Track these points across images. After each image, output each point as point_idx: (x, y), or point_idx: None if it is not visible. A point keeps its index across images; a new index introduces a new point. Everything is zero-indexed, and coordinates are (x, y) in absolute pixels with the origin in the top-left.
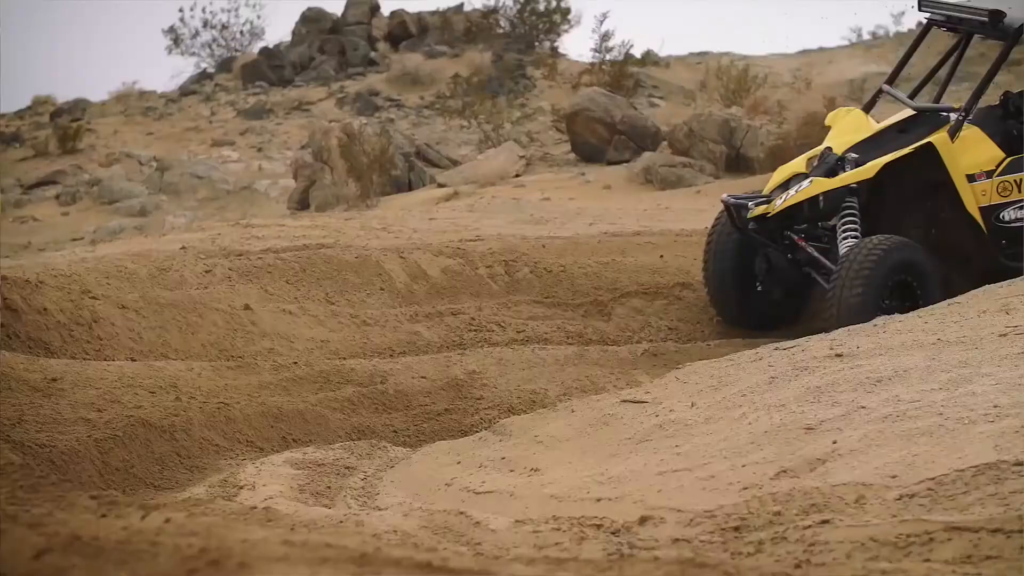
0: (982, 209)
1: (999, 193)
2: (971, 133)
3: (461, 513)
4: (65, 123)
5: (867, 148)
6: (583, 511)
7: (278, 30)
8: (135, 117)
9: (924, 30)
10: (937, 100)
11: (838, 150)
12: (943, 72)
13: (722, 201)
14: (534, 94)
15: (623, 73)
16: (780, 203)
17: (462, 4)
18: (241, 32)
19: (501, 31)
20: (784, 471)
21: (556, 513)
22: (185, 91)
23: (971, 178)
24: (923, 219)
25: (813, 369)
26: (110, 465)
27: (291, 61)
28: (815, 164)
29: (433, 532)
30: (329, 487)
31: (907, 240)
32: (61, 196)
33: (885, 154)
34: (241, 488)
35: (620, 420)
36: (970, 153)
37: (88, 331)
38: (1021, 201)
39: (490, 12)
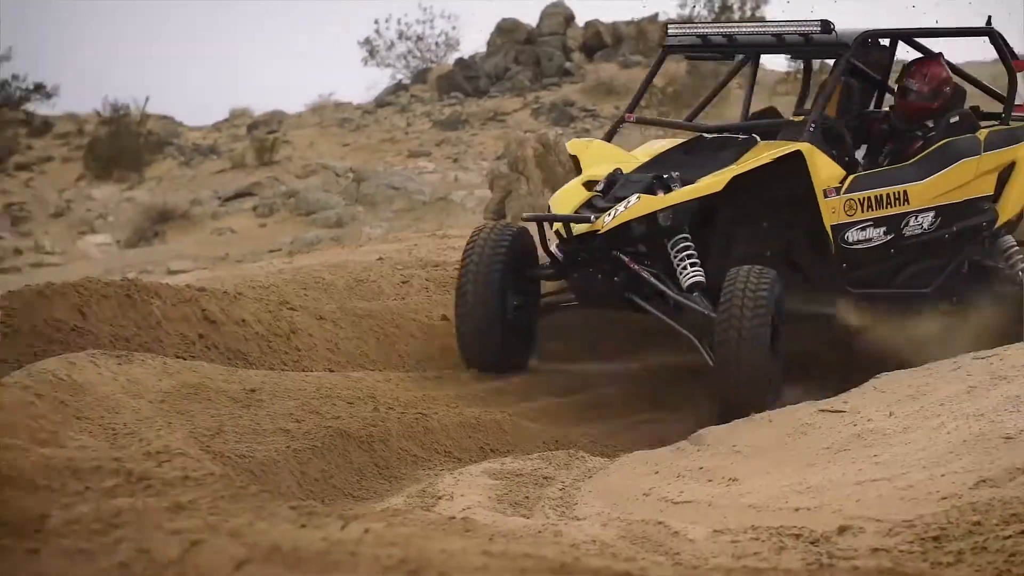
0: (832, 228)
1: (846, 212)
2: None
3: (659, 523)
4: (261, 135)
5: (664, 169)
6: (781, 521)
7: (473, 41)
8: (331, 128)
9: (661, 56)
10: (744, 117)
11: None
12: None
13: (524, 219)
14: (728, 103)
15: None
16: (610, 219)
17: (656, 14)
18: (436, 43)
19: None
20: (983, 480)
21: (755, 523)
22: (380, 102)
23: (824, 193)
24: (761, 239)
25: (1012, 378)
26: (308, 475)
27: (486, 72)
28: (617, 185)
29: (631, 542)
30: (527, 497)
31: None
32: (258, 208)
33: (698, 173)
34: (439, 498)
35: (817, 429)
36: (818, 168)
37: (286, 342)
38: (865, 222)
39: (684, 21)
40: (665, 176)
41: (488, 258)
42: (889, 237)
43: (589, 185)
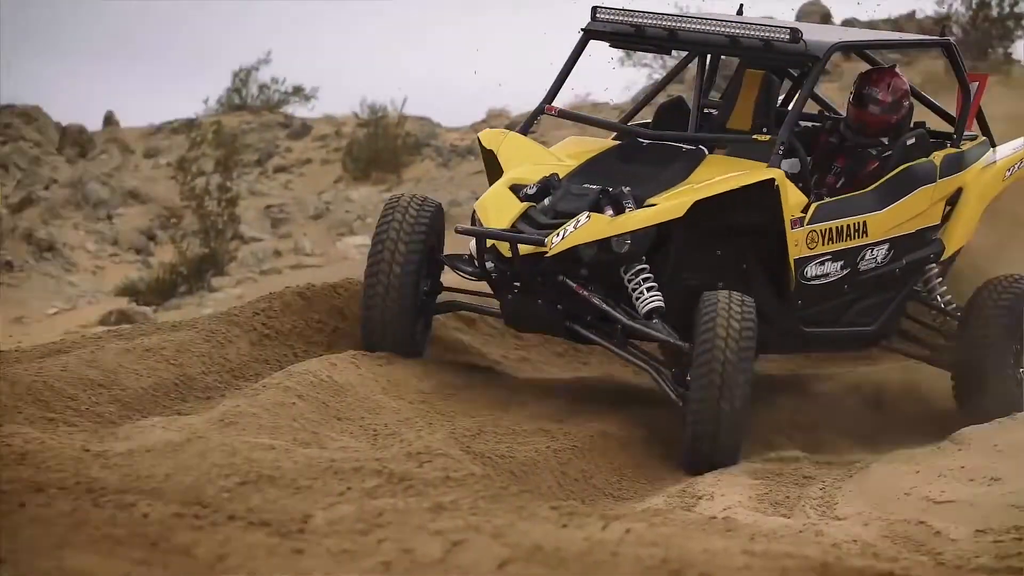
0: (794, 261)
1: (807, 245)
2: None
3: (921, 522)
4: None
5: (601, 178)
6: None
7: None
8: (588, 129)
9: (581, 41)
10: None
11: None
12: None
13: (458, 232)
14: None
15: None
16: (560, 240)
17: (913, 12)
18: None
19: (953, 37)
20: None
21: (1018, 523)
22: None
23: (791, 224)
24: (714, 269)
25: None
26: (568, 475)
27: None
28: (557, 196)
29: (893, 542)
30: (787, 497)
31: None
32: None
33: (646, 188)
34: (700, 498)
35: None
36: (788, 196)
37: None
38: (824, 255)
39: (942, 19)
40: (613, 191)
41: (408, 235)
42: (845, 272)
43: (515, 189)
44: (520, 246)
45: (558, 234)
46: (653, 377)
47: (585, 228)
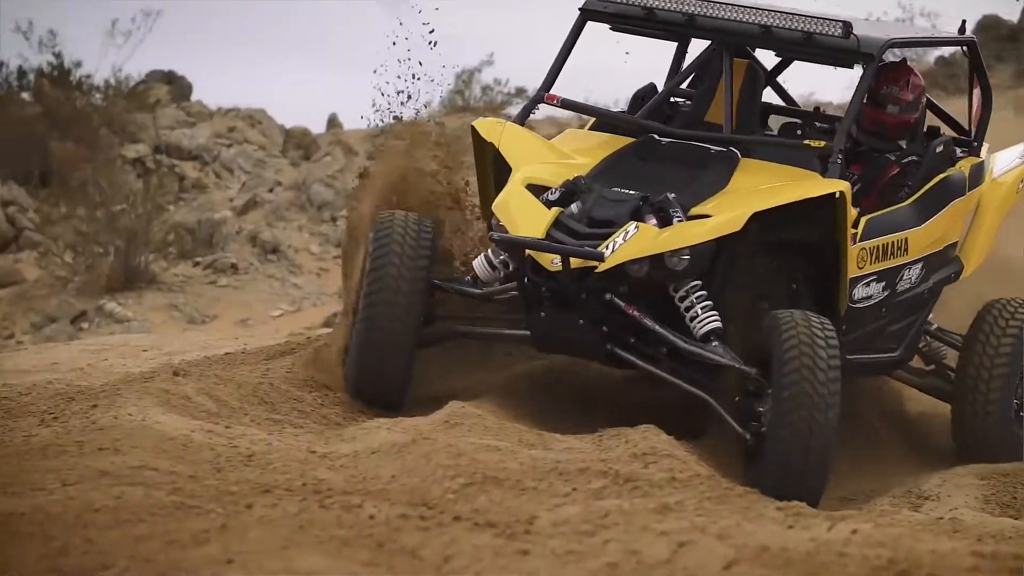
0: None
1: (858, 264)
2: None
3: None
4: None
5: (624, 179)
6: None
7: None
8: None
9: (578, 23)
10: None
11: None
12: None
13: (497, 241)
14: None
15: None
16: (609, 254)
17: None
18: None
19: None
20: None
21: None
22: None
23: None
24: (759, 289)
25: None
26: None
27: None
28: (590, 202)
29: None
30: (1015, 498)
31: None
32: None
33: (686, 194)
34: (926, 499)
35: None
36: (849, 211)
37: None
38: (870, 276)
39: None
40: (656, 198)
41: (410, 268)
42: (885, 294)
43: (532, 191)
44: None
45: (607, 246)
46: (713, 407)
47: (636, 241)
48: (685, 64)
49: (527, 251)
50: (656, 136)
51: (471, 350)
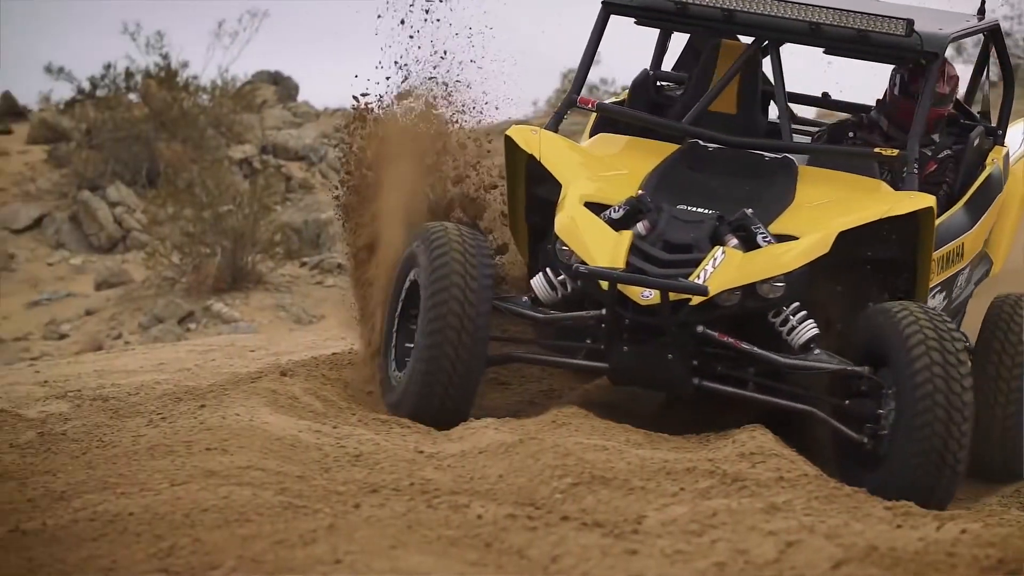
0: None
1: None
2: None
3: None
4: None
5: (681, 193)
6: None
7: None
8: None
9: (602, 17)
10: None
11: (629, 192)
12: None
13: (583, 274)
14: None
15: None
16: (703, 283)
17: None
18: None
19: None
20: None
21: None
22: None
23: None
24: (831, 308)
25: None
26: None
27: None
28: (662, 223)
29: None
30: None
31: None
32: None
33: (759, 208)
34: None
35: None
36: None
37: None
38: (935, 288)
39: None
40: (734, 216)
41: (475, 283)
42: (944, 304)
43: (591, 210)
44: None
45: (698, 276)
46: (822, 419)
47: (727, 269)
48: (670, 50)
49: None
50: (699, 142)
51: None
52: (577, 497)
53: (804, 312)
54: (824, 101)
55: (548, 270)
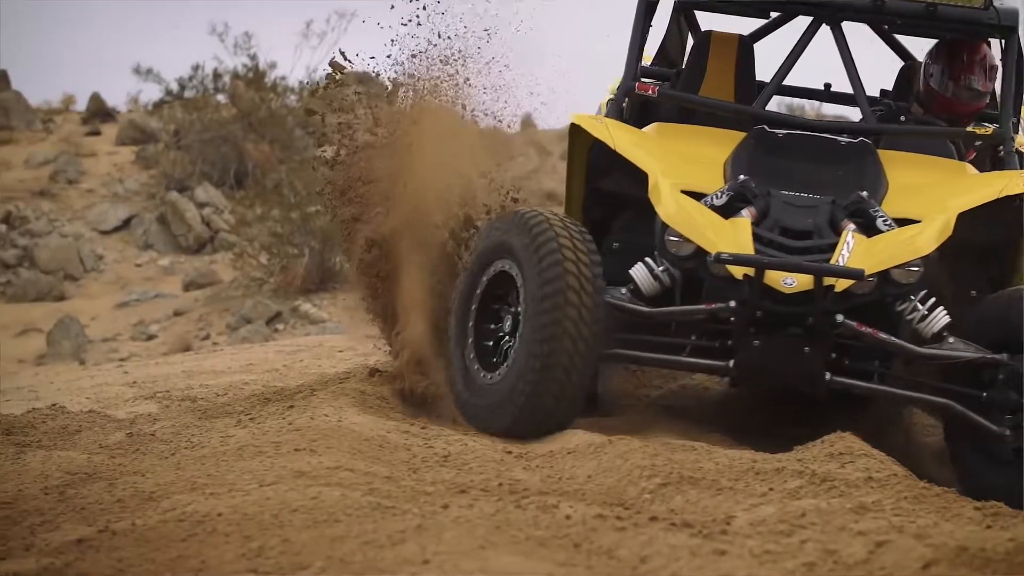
0: None
1: None
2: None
3: None
4: None
5: (768, 177)
6: None
7: None
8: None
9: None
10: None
11: (715, 179)
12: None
13: (724, 261)
14: None
15: None
16: (840, 266)
17: None
18: None
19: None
20: None
21: None
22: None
23: None
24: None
25: None
26: None
27: None
28: (775, 210)
29: None
30: None
31: None
32: None
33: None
34: None
35: None
36: None
37: None
38: None
39: None
40: (851, 200)
41: (590, 281)
42: None
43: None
44: (795, 277)
45: (837, 261)
46: (960, 413)
47: (865, 254)
48: (652, 33)
49: (739, 270)
50: (765, 127)
51: None
52: (666, 497)
53: (934, 299)
54: (827, 93)
55: (650, 260)
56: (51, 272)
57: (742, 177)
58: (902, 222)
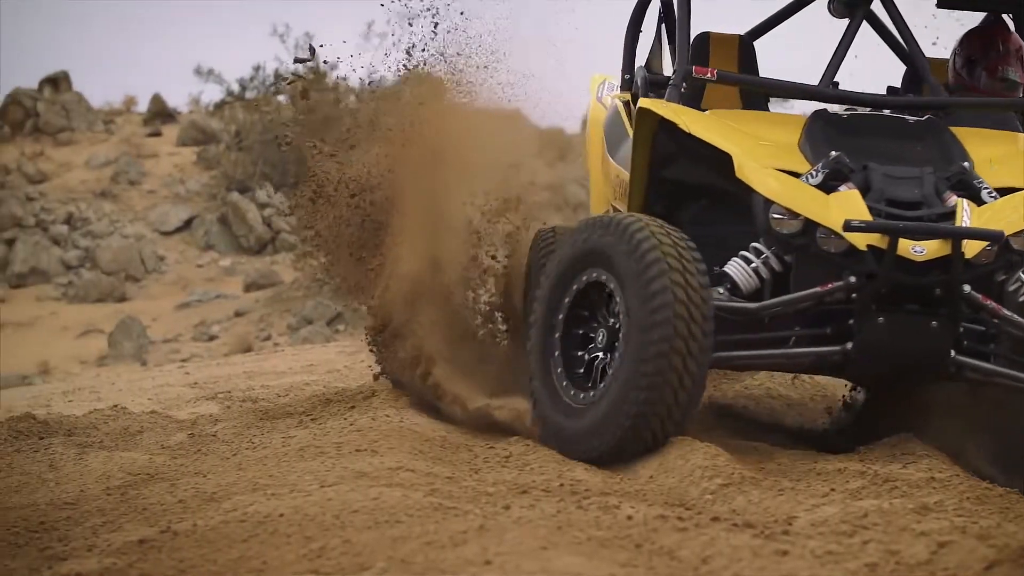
0: None
1: None
2: None
3: None
4: None
5: (879, 159)
6: None
7: None
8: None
9: None
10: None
11: (795, 160)
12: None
13: (857, 228)
14: None
15: None
16: (981, 229)
17: None
18: None
19: None
20: None
21: None
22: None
23: None
24: None
25: None
26: None
27: None
28: (878, 181)
29: None
30: None
31: None
32: None
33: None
34: None
35: None
36: None
37: None
38: None
39: None
40: (952, 171)
41: (697, 286)
42: None
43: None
44: (926, 246)
45: (962, 222)
46: None
47: (984, 221)
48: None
49: (862, 240)
50: (828, 110)
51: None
52: (728, 497)
53: None
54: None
55: (746, 253)
56: (112, 273)
57: (834, 153)
58: (1007, 191)
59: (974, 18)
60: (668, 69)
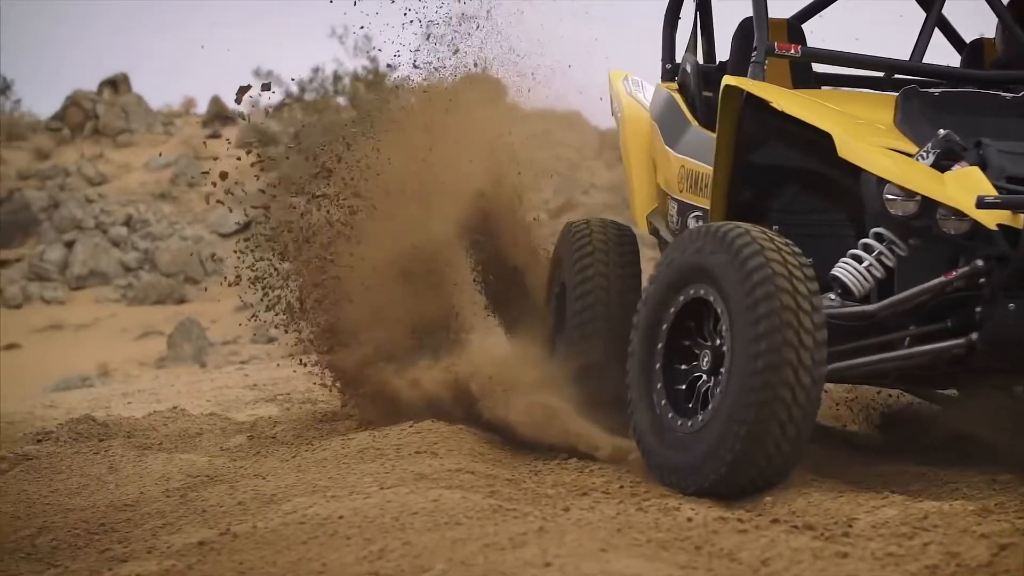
0: None
1: None
2: None
3: None
4: None
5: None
6: None
7: None
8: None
9: None
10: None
11: (893, 140)
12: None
13: (999, 204)
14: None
15: None
16: None
17: None
18: None
19: None
20: None
21: None
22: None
23: None
24: None
25: None
26: None
27: None
28: (994, 158)
29: None
30: None
31: None
32: None
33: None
34: None
35: None
36: None
37: None
38: None
39: None
40: None
41: (807, 298)
42: None
43: None
44: None
45: None
46: None
47: None
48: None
49: (1000, 219)
50: (918, 87)
51: None
52: (787, 499)
53: None
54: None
55: (857, 252)
56: (172, 275)
57: (943, 132)
58: None
59: None
60: (702, 60)
